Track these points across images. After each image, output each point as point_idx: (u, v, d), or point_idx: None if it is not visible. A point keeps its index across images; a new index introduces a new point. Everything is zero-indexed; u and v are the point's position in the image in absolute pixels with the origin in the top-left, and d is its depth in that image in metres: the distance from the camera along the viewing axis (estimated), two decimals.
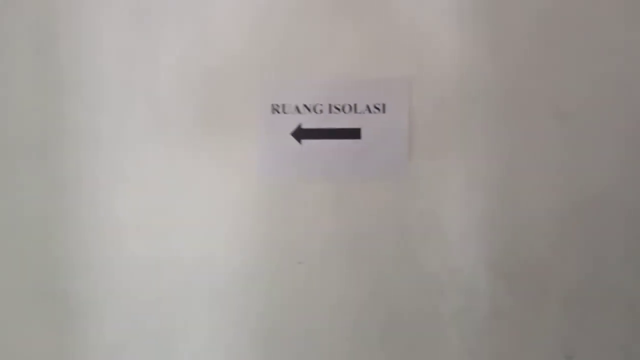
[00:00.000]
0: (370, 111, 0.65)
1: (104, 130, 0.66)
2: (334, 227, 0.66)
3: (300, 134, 0.65)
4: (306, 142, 0.65)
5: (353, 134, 0.65)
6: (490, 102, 0.64)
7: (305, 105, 0.65)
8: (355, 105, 0.65)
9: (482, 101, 0.64)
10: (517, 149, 0.65)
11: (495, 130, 0.65)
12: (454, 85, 0.64)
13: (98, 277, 0.67)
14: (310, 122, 0.65)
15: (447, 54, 0.64)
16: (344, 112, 0.65)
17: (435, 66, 0.64)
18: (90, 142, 0.66)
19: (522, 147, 0.65)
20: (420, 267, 0.66)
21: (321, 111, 0.65)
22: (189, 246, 0.66)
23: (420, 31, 0.64)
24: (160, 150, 0.65)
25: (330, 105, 0.65)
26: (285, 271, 0.67)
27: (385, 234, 0.66)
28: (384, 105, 0.65)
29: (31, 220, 0.66)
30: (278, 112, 0.66)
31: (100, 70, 0.65)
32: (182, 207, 0.66)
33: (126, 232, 0.66)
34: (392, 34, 0.64)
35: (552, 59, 0.64)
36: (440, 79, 0.64)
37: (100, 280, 0.67)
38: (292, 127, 0.65)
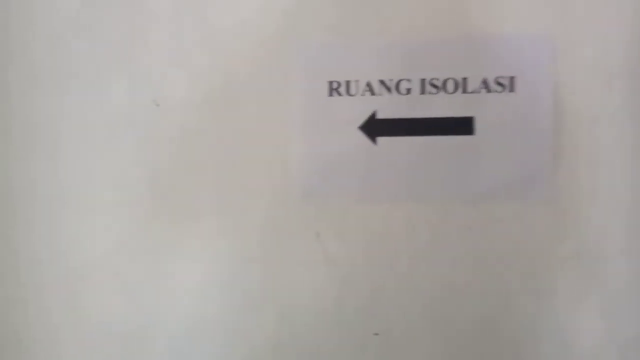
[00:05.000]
0: (489, 89, 0.43)
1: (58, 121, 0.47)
2: (428, 280, 0.45)
3: (375, 127, 0.44)
4: (383, 141, 0.44)
5: (461, 126, 0.43)
6: None
7: (382, 82, 0.44)
8: (464, 79, 0.43)
9: None
10: None
11: None
12: (630, 49, 0.42)
13: (43, 348, 0.48)
14: (390, 108, 0.44)
15: None
16: (446, 92, 0.44)
17: (596, 17, 0.43)
18: (39, 140, 0.47)
19: None
20: (567, 339, 0.44)
21: (408, 90, 0.44)
22: (192, 310, 0.47)
23: None
24: (143, 152, 0.47)
25: (422, 81, 0.44)
26: (354, 346, 0.46)
27: (510, 290, 0.44)
28: (511, 80, 0.43)
29: None
30: (339, 94, 0.45)
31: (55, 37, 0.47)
32: (178, 246, 0.47)
33: (94, 282, 0.48)
34: None
35: None
36: (606, 38, 0.43)
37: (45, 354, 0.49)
38: (362, 116, 0.44)
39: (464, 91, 0.43)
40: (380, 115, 0.44)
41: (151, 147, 0.46)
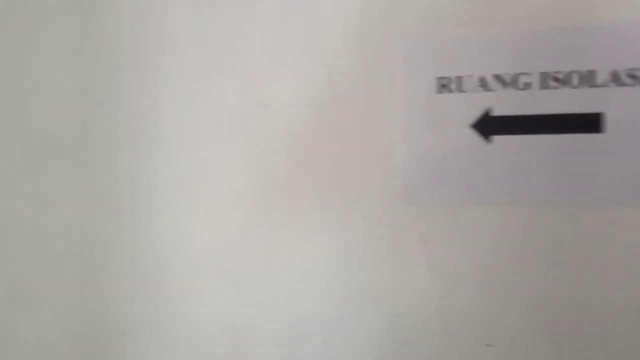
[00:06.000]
0: (620, 83, 0.39)
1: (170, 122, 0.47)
2: (543, 290, 0.41)
3: (489, 125, 0.41)
4: (499, 140, 0.41)
5: (588, 124, 0.39)
6: None
7: (497, 76, 0.41)
8: (591, 72, 0.39)
9: None
10: None
11: None
12: None
13: (155, 342, 0.49)
14: (506, 104, 0.40)
15: None
16: (571, 86, 0.39)
17: None
18: (151, 140, 0.48)
19: None
20: None
21: (527, 85, 0.40)
22: (296, 307, 0.46)
23: None
24: (250, 153, 0.46)
25: (543, 75, 0.40)
26: (458, 355, 0.43)
27: (637, 302, 0.40)
28: None
29: (64, 251, 0.50)
30: (449, 91, 0.41)
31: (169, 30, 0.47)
32: (282, 246, 0.46)
33: (204, 279, 0.47)
34: None
35: None
36: None
37: (157, 348, 0.49)
38: (474, 114, 0.41)
39: (591, 85, 0.39)
40: (496, 113, 0.41)
41: (258, 147, 0.45)
